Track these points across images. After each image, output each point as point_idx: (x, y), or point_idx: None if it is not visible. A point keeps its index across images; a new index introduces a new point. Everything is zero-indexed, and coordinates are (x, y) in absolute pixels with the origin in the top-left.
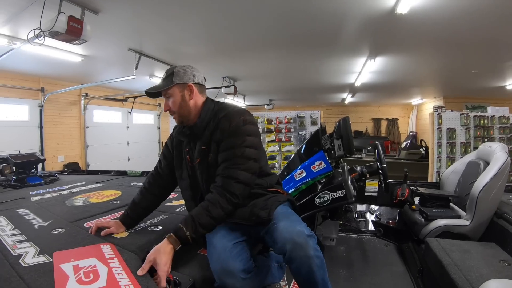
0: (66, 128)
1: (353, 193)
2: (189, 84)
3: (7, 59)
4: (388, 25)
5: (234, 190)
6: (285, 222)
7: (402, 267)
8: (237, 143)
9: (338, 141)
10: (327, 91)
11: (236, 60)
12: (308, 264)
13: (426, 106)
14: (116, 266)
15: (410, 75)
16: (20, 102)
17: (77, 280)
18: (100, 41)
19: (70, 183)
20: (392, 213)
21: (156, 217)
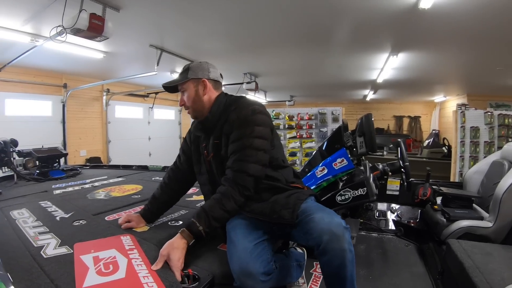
0: (89, 123)
1: (374, 192)
2: (203, 79)
3: (30, 56)
4: (410, 20)
5: (245, 183)
6: (322, 213)
7: (422, 268)
8: (246, 133)
9: (360, 138)
10: (348, 87)
11: (257, 56)
12: (342, 258)
13: (449, 104)
14: (136, 257)
15: (433, 72)
16: (43, 98)
17: (97, 271)
18: (121, 38)
19: (92, 177)
20: (413, 213)
21: (176, 212)
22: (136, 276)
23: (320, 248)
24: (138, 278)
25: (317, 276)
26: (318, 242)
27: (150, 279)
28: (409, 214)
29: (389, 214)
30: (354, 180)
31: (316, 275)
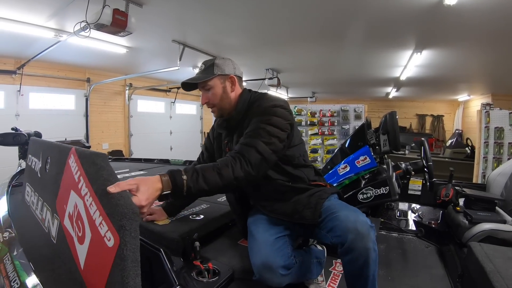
0: (111, 117)
1: (397, 191)
2: (230, 75)
3: (54, 51)
4: (435, 17)
5: (250, 157)
6: (347, 212)
7: (442, 270)
8: (262, 120)
9: (384, 136)
10: (371, 84)
11: (280, 51)
12: (366, 256)
13: (473, 103)
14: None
15: (457, 70)
16: (66, 91)
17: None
18: (144, 33)
19: (114, 170)
20: (434, 214)
21: (197, 206)
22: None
23: (344, 247)
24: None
25: (336, 275)
26: (342, 240)
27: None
28: (430, 215)
29: (410, 214)
30: (376, 178)
31: (335, 274)
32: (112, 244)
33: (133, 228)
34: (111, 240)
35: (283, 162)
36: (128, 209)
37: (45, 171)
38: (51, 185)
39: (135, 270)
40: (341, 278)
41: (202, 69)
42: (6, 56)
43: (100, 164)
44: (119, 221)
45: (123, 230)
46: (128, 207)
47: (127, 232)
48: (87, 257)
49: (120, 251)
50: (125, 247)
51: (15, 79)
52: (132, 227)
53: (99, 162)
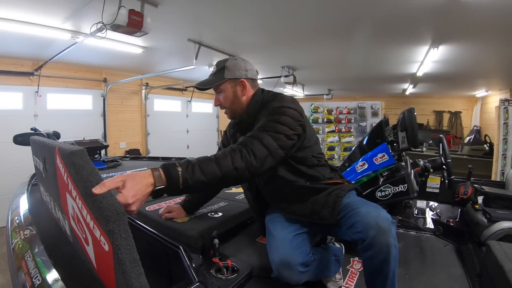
0: (128, 116)
1: (415, 188)
2: (241, 80)
3: (70, 52)
4: (452, 11)
5: (253, 148)
6: (368, 207)
7: (460, 269)
8: (270, 118)
9: (402, 133)
10: (387, 81)
11: (295, 49)
12: (386, 253)
13: (491, 99)
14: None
15: (475, 65)
16: (84, 92)
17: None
18: (159, 33)
19: (132, 168)
20: (453, 212)
21: (216, 204)
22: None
23: (365, 243)
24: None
25: (354, 273)
26: (363, 236)
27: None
28: (449, 213)
29: (428, 212)
30: (395, 176)
31: (352, 272)
32: (107, 248)
33: (122, 229)
34: (106, 244)
35: (297, 163)
36: (111, 211)
37: (46, 171)
38: (53, 186)
39: (136, 271)
40: (359, 276)
41: (213, 71)
42: (23, 58)
43: (78, 163)
44: (106, 225)
45: (112, 234)
46: (111, 209)
47: (116, 235)
48: (95, 258)
49: (115, 256)
50: (119, 251)
51: (32, 81)
52: (120, 229)
53: (77, 161)
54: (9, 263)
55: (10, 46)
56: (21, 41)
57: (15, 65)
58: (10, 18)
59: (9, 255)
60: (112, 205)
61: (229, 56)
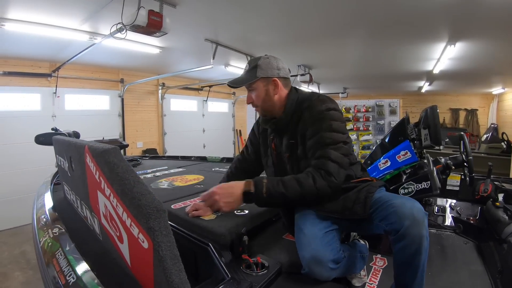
0: (145, 116)
1: (438, 185)
2: (273, 79)
3: (88, 53)
4: (470, 7)
5: (328, 168)
6: (401, 199)
7: (481, 266)
8: (323, 127)
9: (425, 130)
10: (403, 79)
11: (311, 48)
12: (419, 244)
13: (508, 96)
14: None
15: (491, 62)
16: (101, 92)
17: None
18: (177, 33)
19: (152, 167)
20: (473, 210)
21: None
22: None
23: (398, 234)
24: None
25: (377, 270)
26: (397, 227)
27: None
28: (469, 211)
29: (448, 210)
30: (417, 173)
31: (375, 269)
32: (147, 246)
33: (163, 226)
34: (145, 242)
35: None
36: (151, 208)
37: (72, 170)
38: (81, 184)
39: (177, 267)
40: (382, 273)
41: (246, 69)
42: (41, 59)
43: (112, 162)
44: (146, 223)
45: (153, 232)
46: (151, 206)
47: (157, 232)
48: (130, 256)
49: (156, 253)
50: (160, 248)
51: (50, 82)
52: (161, 226)
53: (111, 159)
54: (39, 262)
55: (28, 48)
56: (39, 43)
57: (33, 66)
58: (29, 20)
59: (38, 253)
60: (152, 202)
61: (245, 55)
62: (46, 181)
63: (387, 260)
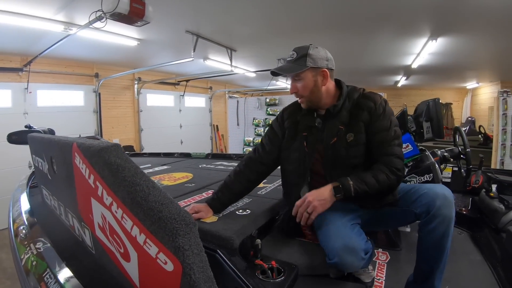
0: (121, 112)
1: (440, 178)
2: (323, 69)
3: (61, 46)
4: (456, 3)
5: (395, 164)
6: (429, 184)
7: (479, 256)
8: (387, 124)
9: (427, 123)
10: (381, 73)
11: (292, 41)
12: (447, 225)
13: (482, 91)
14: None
15: (469, 57)
16: (75, 88)
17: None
18: (158, 24)
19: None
20: (464, 200)
21: (240, 201)
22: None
23: (429, 215)
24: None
25: (381, 264)
26: (430, 207)
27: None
28: (460, 202)
29: None
30: (419, 166)
31: (380, 263)
32: (171, 268)
33: (194, 243)
34: (168, 263)
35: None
36: (178, 222)
37: (54, 173)
38: (66, 189)
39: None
40: (387, 267)
41: (293, 57)
42: (12, 53)
43: (115, 163)
44: (173, 241)
45: (182, 252)
46: (177, 220)
47: (188, 252)
48: (141, 277)
49: (187, 278)
50: (191, 272)
51: (22, 77)
52: (192, 243)
53: (112, 159)
54: (22, 284)
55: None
56: (9, 35)
57: (3, 60)
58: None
59: (20, 274)
60: (178, 214)
61: (226, 48)
62: (21, 184)
63: (389, 254)
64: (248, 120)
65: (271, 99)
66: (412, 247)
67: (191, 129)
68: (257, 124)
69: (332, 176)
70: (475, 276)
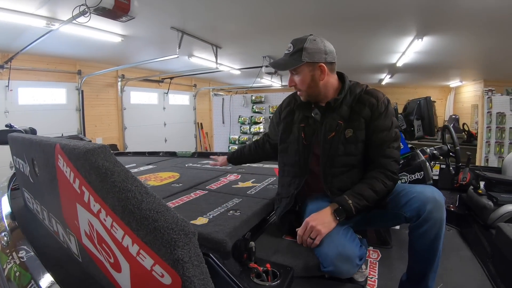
0: (104, 110)
1: (431, 175)
2: (320, 64)
3: (43, 42)
4: (443, 3)
5: (392, 168)
6: (419, 186)
7: (468, 252)
8: (389, 124)
9: (418, 121)
10: (366, 71)
11: (278, 38)
12: (439, 228)
13: (465, 89)
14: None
15: (454, 56)
16: (57, 85)
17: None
18: (143, 20)
19: None
20: (451, 197)
21: (230, 201)
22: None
23: (420, 218)
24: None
25: (373, 263)
26: (420, 211)
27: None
28: (448, 199)
29: None
30: (410, 163)
31: (371, 261)
32: (169, 282)
33: (194, 254)
34: (166, 276)
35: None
36: (176, 232)
37: (36, 176)
38: (49, 193)
39: None
40: (379, 266)
41: (290, 51)
42: None
43: (104, 166)
44: (171, 253)
45: (182, 264)
46: (175, 230)
47: (187, 265)
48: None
49: None
50: (192, 285)
51: (2, 74)
52: (191, 255)
53: (99, 162)
54: None
55: None
56: None
57: None
58: None
59: (3, 285)
60: (176, 223)
61: (211, 45)
62: (2, 187)
63: (380, 252)
64: (233, 118)
65: (256, 96)
66: (403, 244)
67: (175, 127)
68: (243, 122)
69: (326, 175)
70: (466, 272)
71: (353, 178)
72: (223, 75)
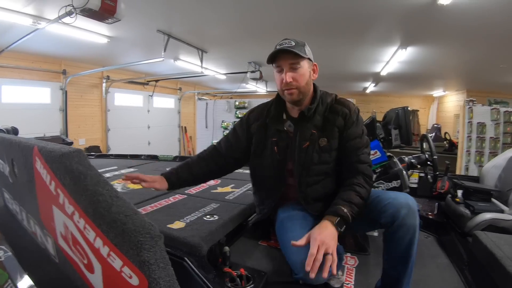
0: (88, 111)
1: (408, 184)
2: (315, 63)
3: (28, 40)
4: (427, 15)
5: (369, 172)
6: (392, 192)
7: (445, 259)
8: (360, 132)
9: (395, 130)
10: (350, 79)
11: (263, 44)
12: (413, 233)
13: (448, 99)
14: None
15: (437, 66)
16: (41, 84)
17: None
18: (129, 22)
19: (101, 168)
20: (430, 205)
21: (207, 206)
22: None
23: (394, 224)
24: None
25: (350, 269)
26: (395, 217)
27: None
28: (426, 207)
29: None
30: (387, 172)
31: (348, 268)
32: (137, 283)
33: (159, 257)
34: (134, 278)
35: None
36: (143, 235)
37: (15, 176)
38: (27, 194)
39: None
40: (356, 272)
41: (292, 44)
42: None
43: (77, 170)
44: (138, 255)
45: (148, 266)
46: (142, 233)
47: (153, 267)
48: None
49: None
50: (157, 286)
51: None
52: (157, 257)
53: (74, 166)
54: None
55: None
56: None
57: None
58: None
59: None
60: (143, 226)
61: (197, 49)
62: None
63: (358, 258)
64: (216, 122)
65: (240, 102)
66: (381, 251)
67: (159, 130)
68: (226, 127)
69: (301, 185)
70: (443, 279)
71: (326, 187)
72: (208, 79)
